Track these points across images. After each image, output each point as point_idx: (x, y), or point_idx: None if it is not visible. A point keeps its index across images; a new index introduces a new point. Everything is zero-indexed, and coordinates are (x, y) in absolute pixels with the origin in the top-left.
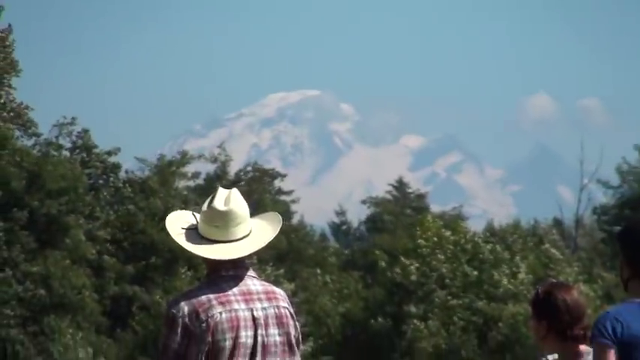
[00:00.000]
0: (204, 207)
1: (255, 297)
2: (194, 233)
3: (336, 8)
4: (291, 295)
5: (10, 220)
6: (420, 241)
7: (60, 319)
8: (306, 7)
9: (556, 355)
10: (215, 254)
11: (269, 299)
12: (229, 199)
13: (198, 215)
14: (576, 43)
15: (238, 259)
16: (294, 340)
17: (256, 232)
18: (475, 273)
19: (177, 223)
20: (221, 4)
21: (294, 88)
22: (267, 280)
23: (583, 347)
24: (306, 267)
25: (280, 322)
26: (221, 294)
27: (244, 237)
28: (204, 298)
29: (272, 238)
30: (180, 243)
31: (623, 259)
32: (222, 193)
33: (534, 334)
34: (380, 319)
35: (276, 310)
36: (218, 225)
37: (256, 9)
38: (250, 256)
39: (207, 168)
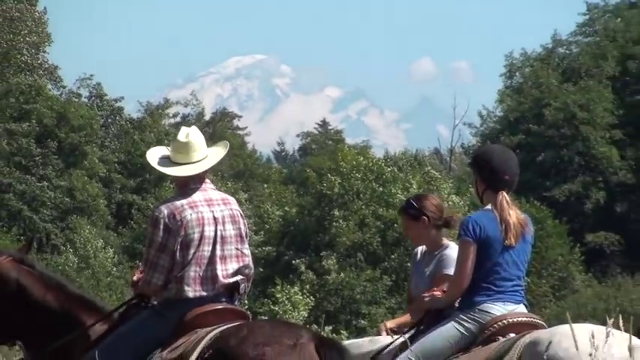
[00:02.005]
0: (173, 140)
1: (215, 202)
2: (167, 160)
3: None
4: (245, 203)
5: (44, 147)
6: (341, 163)
7: (80, 218)
8: None
9: (424, 247)
10: (180, 172)
11: (225, 204)
12: (189, 134)
13: (169, 147)
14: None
15: (201, 176)
16: (244, 233)
17: (210, 156)
18: (380, 189)
19: (155, 154)
20: None
21: (247, 52)
22: (227, 191)
23: (445, 240)
24: (256, 182)
25: (233, 220)
26: (190, 201)
27: (202, 159)
28: (178, 203)
29: (220, 159)
30: (157, 167)
31: (477, 177)
32: (184, 130)
33: (409, 233)
34: (309, 219)
35: (230, 212)
36: (182, 152)
37: None
38: (210, 173)
39: (184, 110)
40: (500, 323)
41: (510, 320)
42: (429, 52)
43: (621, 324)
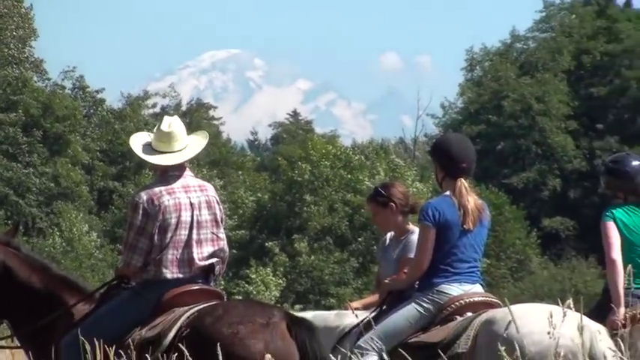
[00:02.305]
0: (155, 129)
1: (192, 189)
2: (149, 147)
3: None
4: (220, 189)
5: (30, 136)
6: (311, 151)
7: (64, 204)
8: None
9: (392, 233)
10: (162, 161)
11: (201, 190)
12: (171, 124)
13: (151, 135)
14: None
15: (181, 165)
16: (219, 218)
17: (191, 145)
18: (348, 176)
19: (138, 141)
20: None
21: (222, 47)
22: (203, 178)
23: (411, 225)
24: (230, 169)
25: (209, 206)
26: (168, 187)
27: (182, 149)
28: (157, 190)
29: (201, 150)
30: (141, 156)
31: (436, 165)
32: (167, 119)
33: (377, 219)
34: (281, 205)
35: (207, 198)
36: (164, 141)
37: None
38: (189, 161)
39: (163, 102)
40: (457, 303)
41: (467, 300)
42: (395, 47)
43: (571, 304)
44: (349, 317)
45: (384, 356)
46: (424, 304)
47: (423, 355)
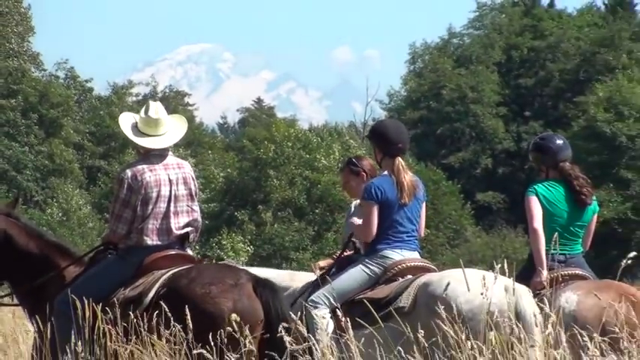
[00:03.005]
0: (142, 114)
1: (170, 167)
2: (135, 130)
3: None
4: (194, 166)
5: (28, 119)
6: (275, 133)
7: (58, 179)
8: None
9: (357, 201)
10: (149, 144)
11: (179, 167)
12: (157, 111)
13: (137, 116)
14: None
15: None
16: (194, 192)
17: (173, 130)
18: (307, 155)
19: (126, 122)
20: None
21: (196, 41)
22: (180, 156)
23: None
24: (203, 149)
25: (185, 182)
26: (150, 165)
27: (166, 133)
28: (140, 167)
29: (182, 135)
30: (130, 137)
31: (375, 147)
32: (152, 106)
33: (348, 186)
34: (248, 179)
35: (183, 175)
36: (151, 126)
37: None
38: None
39: (145, 90)
40: (399, 267)
41: (407, 264)
42: (347, 42)
43: (504, 268)
44: (300, 278)
45: (338, 312)
46: (370, 267)
47: (367, 309)
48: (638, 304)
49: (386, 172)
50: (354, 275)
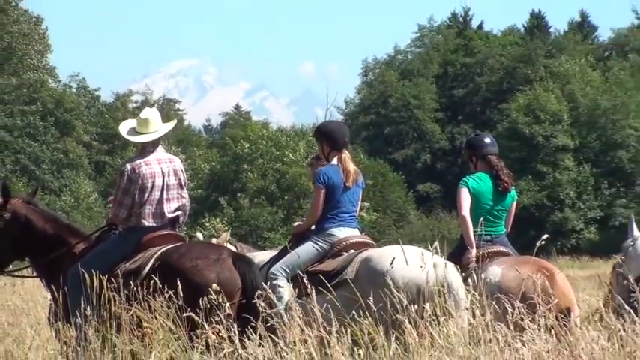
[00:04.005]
0: (138, 117)
1: (163, 161)
2: (132, 130)
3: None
4: (183, 161)
5: (46, 122)
6: (250, 133)
7: (71, 171)
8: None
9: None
10: (140, 140)
11: (170, 162)
12: (148, 113)
13: (135, 120)
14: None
15: (155, 142)
16: (183, 182)
17: (162, 129)
18: (277, 152)
19: (125, 127)
20: None
21: (185, 57)
22: (172, 153)
23: None
24: (191, 147)
25: (175, 174)
26: (146, 160)
27: (156, 131)
28: (137, 161)
29: (166, 132)
30: (125, 136)
31: (323, 144)
32: (146, 110)
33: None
34: (228, 172)
35: (174, 168)
36: (142, 125)
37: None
38: (160, 140)
39: (141, 97)
40: (343, 243)
41: (351, 240)
42: (311, 57)
43: (437, 247)
44: (260, 255)
45: (305, 280)
46: (319, 243)
47: (320, 279)
48: (551, 276)
49: (334, 162)
50: (305, 249)
